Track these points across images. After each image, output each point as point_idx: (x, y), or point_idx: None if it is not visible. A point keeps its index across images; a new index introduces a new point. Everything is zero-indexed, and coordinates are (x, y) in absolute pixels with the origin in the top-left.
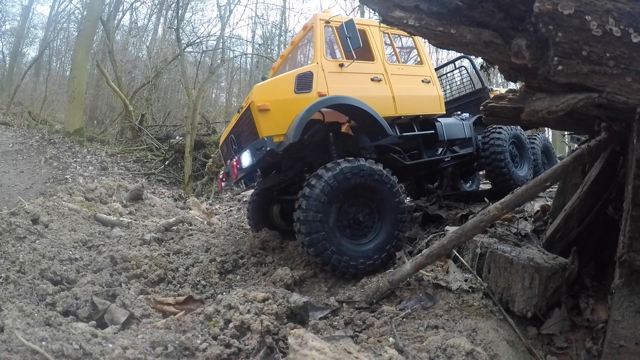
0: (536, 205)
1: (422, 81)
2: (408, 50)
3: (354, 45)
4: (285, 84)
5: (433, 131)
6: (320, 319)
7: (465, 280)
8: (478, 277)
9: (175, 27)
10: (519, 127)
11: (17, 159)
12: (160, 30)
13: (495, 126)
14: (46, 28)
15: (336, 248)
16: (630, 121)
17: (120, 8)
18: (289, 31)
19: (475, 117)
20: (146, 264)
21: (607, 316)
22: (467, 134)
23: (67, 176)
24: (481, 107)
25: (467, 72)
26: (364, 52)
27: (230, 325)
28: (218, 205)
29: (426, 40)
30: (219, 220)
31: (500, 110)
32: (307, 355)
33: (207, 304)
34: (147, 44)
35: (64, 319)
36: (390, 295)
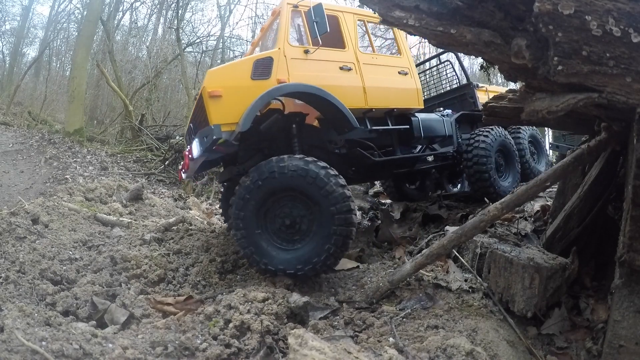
0: (536, 205)
1: (399, 73)
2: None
3: (320, 30)
4: (242, 69)
5: (408, 126)
6: (320, 319)
7: (465, 280)
8: (478, 277)
9: (175, 27)
10: (508, 136)
11: (17, 159)
12: (160, 30)
13: (483, 128)
14: (46, 28)
15: (255, 249)
16: (630, 121)
17: (120, 8)
18: None
19: (458, 114)
20: (146, 264)
21: (607, 316)
22: (448, 132)
23: (67, 176)
24: (481, 107)
25: (452, 67)
26: (335, 40)
27: (230, 325)
28: (218, 205)
29: (426, 40)
30: (219, 220)
31: (500, 110)
32: (307, 355)
33: (207, 304)
34: (147, 44)
35: (64, 319)
36: (390, 295)
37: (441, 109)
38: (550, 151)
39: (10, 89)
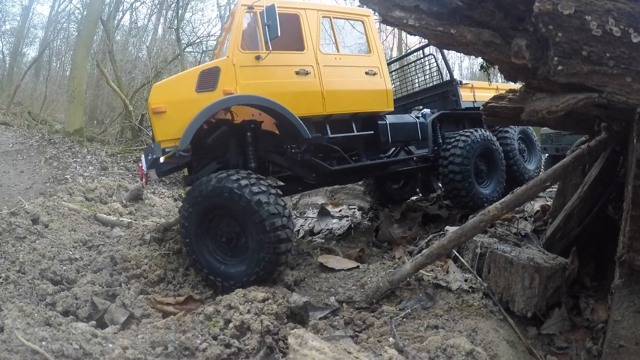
0: (536, 205)
1: (366, 73)
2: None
3: (271, 35)
4: (186, 82)
5: (372, 132)
6: (320, 319)
7: (465, 280)
8: (478, 277)
9: (175, 27)
10: (492, 139)
11: (17, 159)
12: (160, 30)
13: (464, 131)
14: (46, 28)
15: (199, 257)
16: (630, 121)
17: (120, 8)
18: None
19: (435, 114)
20: (146, 264)
21: (607, 316)
22: (422, 135)
23: (67, 176)
24: (481, 107)
25: (436, 61)
26: (293, 41)
27: (230, 325)
28: None
29: (426, 40)
30: None
31: (500, 110)
32: (307, 355)
33: (207, 304)
34: (147, 44)
35: (64, 319)
36: (390, 295)
37: (420, 107)
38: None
39: (10, 89)
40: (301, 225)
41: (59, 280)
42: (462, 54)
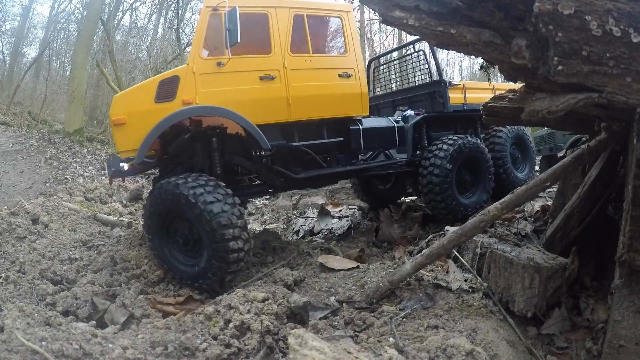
0: (536, 205)
1: (340, 75)
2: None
3: (231, 40)
4: (145, 92)
5: (342, 139)
6: (320, 319)
7: (465, 280)
8: (478, 277)
9: (175, 27)
10: (479, 146)
11: (17, 159)
12: (160, 30)
13: (448, 137)
14: (46, 28)
15: (161, 255)
16: (630, 121)
17: (120, 8)
18: None
19: (418, 118)
20: (146, 264)
21: (607, 316)
22: (400, 140)
23: (67, 176)
24: (481, 107)
25: (426, 58)
26: (260, 44)
27: (230, 325)
28: None
29: (426, 40)
30: None
31: (500, 110)
32: (307, 355)
33: (207, 304)
34: (147, 44)
35: (64, 319)
36: (390, 295)
37: (404, 108)
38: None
39: (10, 89)
40: (301, 225)
41: (59, 280)
42: (462, 54)
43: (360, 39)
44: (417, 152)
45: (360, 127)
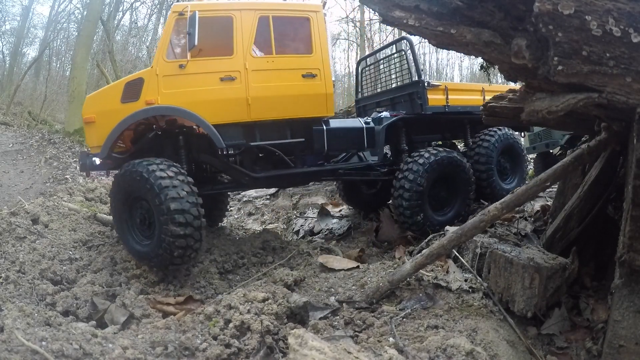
0: (536, 205)
1: (304, 76)
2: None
3: (190, 43)
4: (113, 93)
5: (303, 139)
6: (320, 319)
7: (465, 280)
8: (478, 277)
9: None
10: (458, 160)
11: (17, 159)
12: (160, 30)
13: (425, 150)
14: (46, 28)
15: (121, 235)
16: (630, 121)
17: (120, 8)
18: None
19: (390, 121)
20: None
21: (607, 316)
22: (368, 142)
23: (67, 176)
24: (481, 107)
25: (407, 58)
26: (222, 46)
27: (230, 325)
28: None
29: (426, 40)
30: None
31: (500, 110)
32: (307, 355)
33: (207, 304)
34: (147, 44)
35: (64, 319)
36: (390, 295)
37: (380, 109)
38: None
39: (10, 89)
40: (301, 225)
41: (59, 280)
42: (462, 53)
43: (360, 39)
44: (388, 156)
45: (324, 127)
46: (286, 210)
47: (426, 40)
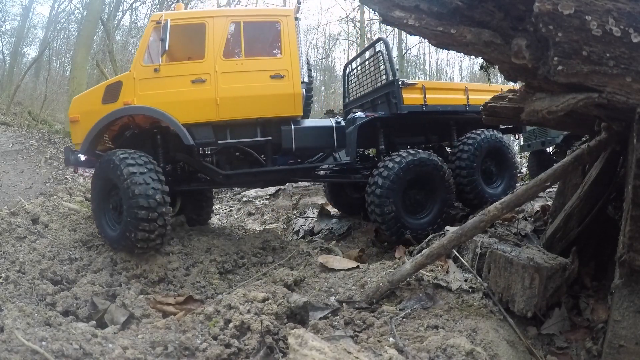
0: (536, 205)
1: (272, 77)
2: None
3: (161, 49)
4: (95, 95)
5: (270, 138)
6: (320, 319)
7: (465, 280)
8: (478, 277)
9: None
10: (435, 163)
11: (17, 159)
12: None
13: (397, 153)
14: (46, 28)
15: (98, 222)
16: (630, 121)
17: (120, 8)
18: None
19: (363, 120)
20: (146, 264)
21: (607, 316)
22: (338, 142)
23: (67, 176)
24: (481, 107)
25: (383, 59)
26: (196, 51)
27: (230, 325)
28: (218, 205)
29: (426, 40)
30: (219, 220)
31: (500, 110)
32: (307, 355)
33: (207, 304)
34: None
35: (64, 319)
36: (390, 295)
37: (355, 110)
38: (521, 153)
39: (10, 89)
40: (301, 225)
41: (59, 280)
42: (462, 53)
43: (360, 38)
44: (356, 158)
45: (292, 127)
46: (286, 210)
47: (426, 40)
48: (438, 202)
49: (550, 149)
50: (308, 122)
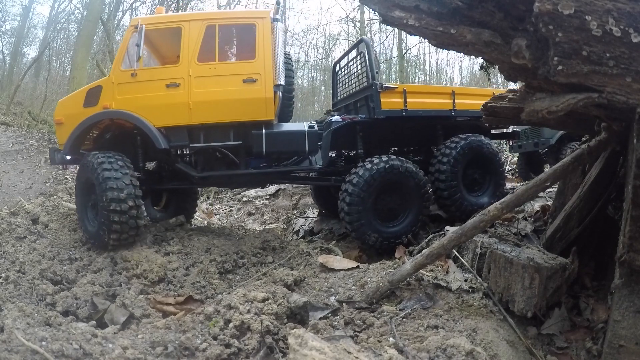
0: (536, 205)
1: (244, 81)
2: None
3: (136, 55)
4: (78, 98)
5: (240, 142)
6: (320, 319)
7: (465, 280)
8: (478, 277)
9: None
10: (408, 169)
11: (17, 159)
12: None
13: (370, 159)
14: (46, 28)
15: (81, 218)
16: (630, 121)
17: (120, 8)
18: (289, 31)
19: (338, 125)
20: (146, 264)
21: (607, 316)
22: (310, 147)
23: (67, 176)
24: (481, 107)
25: (365, 61)
26: (172, 55)
27: (230, 325)
28: (218, 205)
29: (426, 40)
30: (219, 220)
31: (500, 110)
32: (307, 355)
33: (207, 304)
34: None
35: (64, 319)
36: (390, 295)
37: (333, 113)
38: (511, 154)
39: (10, 89)
40: (301, 225)
41: (59, 280)
42: (462, 53)
43: (361, 38)
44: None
45: (264, 131)
46: (286, 210)
47: (426, 40)
48: (413, 210)
49: (541, 150)
50: (280, 127)
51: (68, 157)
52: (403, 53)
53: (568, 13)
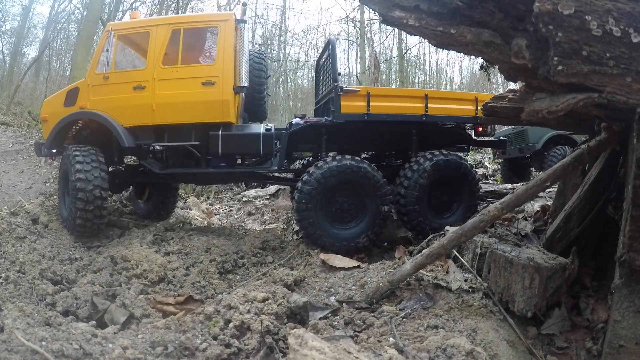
0: (536, 205)
1: (203, 84)
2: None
3: (106, 59)
4: (60, 98)
5: (198, 142)
6: (320, 319)
7: (465, 280)
8: (478, 277)
9: None
10: (365, 170)
11: (17, 159)
12: None
13: (323, 160)
14: (46, 28)
15: (60, 209)
16: (630, 121)
17: (120, 8)
18: (289, 31)
19: (296, 128)
20: (146, 264)
21: (607, 316)
22: (264, 150)
23: None
24: (481, 107)
25: (330, 63)
26: (140, 59)
27: (230, 325)
28: (218, 205)
29: (426, 40)
30: (219, 220)
31: (500, 110)
32: (307, 355)
33: (207, 304)
34: None
35: (64, 319)
36: (390, 295)
37: (299, 116)
38: (491, 160)
39: (10, 89)
40: None
41: (59, 280)
42: (462, 53)
43: (360, 38)
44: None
45: (220, 132)
46: (286, 210)
47: (426, 40)
48: (369, 212)
49: (528, 156)
50: (239, 128)
51: (54, 150)
52: (403, 53)
53: (568, 13)
